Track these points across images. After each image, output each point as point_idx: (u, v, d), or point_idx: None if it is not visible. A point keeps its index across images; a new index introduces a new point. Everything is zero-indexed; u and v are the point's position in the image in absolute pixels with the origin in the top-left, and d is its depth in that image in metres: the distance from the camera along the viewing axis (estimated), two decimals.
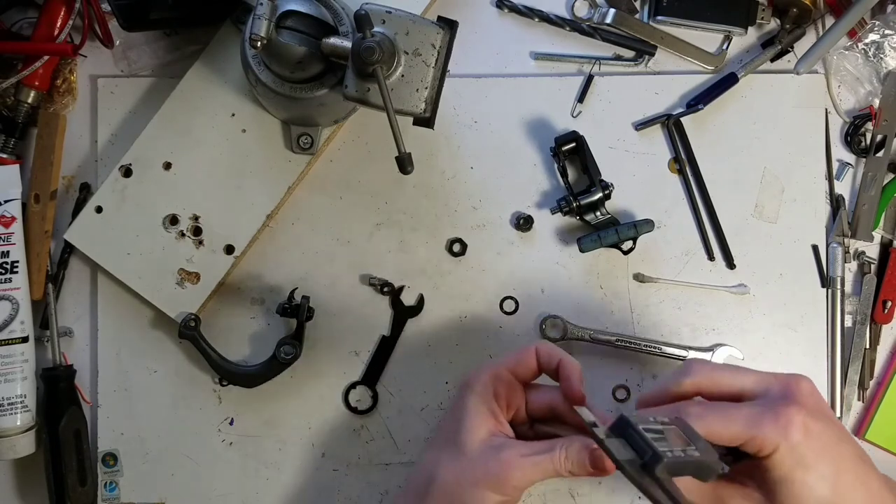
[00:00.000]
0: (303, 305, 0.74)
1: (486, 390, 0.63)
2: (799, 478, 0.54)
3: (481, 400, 0.62)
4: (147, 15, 0.69)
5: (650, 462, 0.49)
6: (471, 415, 0.61)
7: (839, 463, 0.55)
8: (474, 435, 0.61)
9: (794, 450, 0.54)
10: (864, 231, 0.77)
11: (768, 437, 0.54)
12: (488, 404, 0.62)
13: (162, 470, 0.76)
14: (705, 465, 0.52)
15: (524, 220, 0.76)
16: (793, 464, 0.54)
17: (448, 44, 0.61)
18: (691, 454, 0.51)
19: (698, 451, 0.52)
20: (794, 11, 0.77)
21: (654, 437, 0.50)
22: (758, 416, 0.54)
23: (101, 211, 0.74)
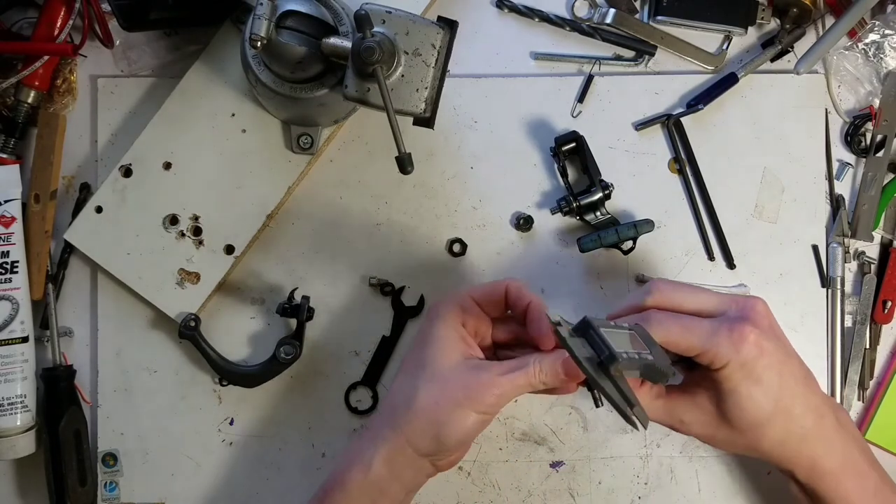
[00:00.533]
0: (303, 305, 0.74)
1: (455, 318, 0.64)
2: (745, 390, 0.59)
3: (451, 325, 0.63)
4: (147, 15, 0.69)
5: (606, 360, 0.53)
6: (442, 340, 0.62)
7: (784, 379, 0.60)
8: (449, 358, 0.62)
9: (744, 365, 0.58)
10: (864, 231, 0.77)
11: (722, 351, 0.58)
12: (458, 330, 0.63)
13: (162, 470, 0.76)
14: (658, 369, 0.55)
15: (524, 220, 0.76)
16: (742, 377, 0.59)
17: (448, 44, 0.61)
18: (645, 357, 0.55)
19: (652, 356, 0.56)
20: (794, 11, 0.77)
21: (615, 339, 0.54)
22: (714, 331, 0.58)
23: (101, 211, 0.74)
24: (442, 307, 0.65)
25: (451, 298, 0.65)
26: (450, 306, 0.64)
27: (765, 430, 0.60)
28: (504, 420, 0.76)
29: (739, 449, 0.63)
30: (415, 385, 0.62)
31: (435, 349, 0.62)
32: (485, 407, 0.60)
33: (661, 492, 0.76)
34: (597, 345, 0.54)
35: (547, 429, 0.77)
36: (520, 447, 0.76)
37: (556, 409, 0.76)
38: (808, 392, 0.61)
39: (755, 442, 0.61)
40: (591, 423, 0.76)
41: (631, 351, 0.54)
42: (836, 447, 0.61)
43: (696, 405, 0.62)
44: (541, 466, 0.76)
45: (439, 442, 0.60)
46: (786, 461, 0.62)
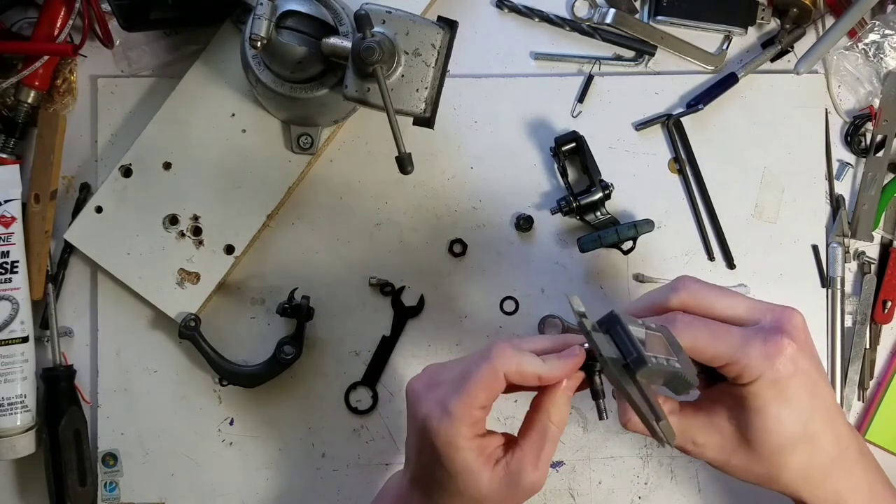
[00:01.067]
0: (303, 305, 0.74)
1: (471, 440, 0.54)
2: (774, 411, 0.53)
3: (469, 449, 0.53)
4: (147, 15, 0.69)
5: (634, 363, 0.47)
6: (466, 473, 0.53)
7: (816, 402, 0.54)
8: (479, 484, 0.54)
9: (776, 382, 0.52)
10: (864, 231, 0.77)
11: (753, 363, 0.52)
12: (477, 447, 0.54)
13: (162, 470, 0.76)
14: (684, 378, 0.50)
15: (524, 220, 0.76)
16: (773, 395, 0.52)
17: (448, 44, 0.61)
18: (672, 364, 0.49)
19: (679, 363, 0.50)
20: (794, 11, 0.77)
21: (639, 340, 0.49)
22: (747, 340, 0.52)
23: (101, 211, 0.74)
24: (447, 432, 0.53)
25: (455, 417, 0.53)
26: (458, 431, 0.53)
27: (788, 459, 0.54)
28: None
29: (756, 478, 0.56)
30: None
31: (462, 484, 0.54)
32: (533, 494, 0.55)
33: (661, 492, 0.76)
34: (624, 344, 0.48)
35: None
36: None
37: None
38: (836, 420, 0.55)
39: (776, 470, 0.55)
40: (591, 423, 0.76)
41: (658, 355, 0.48)
42: (861, 481, 0.56)
43: (712, 425, 0.55)
44: None
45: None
46: (807, 495, 0.55)
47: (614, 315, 0.49)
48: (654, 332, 0.51)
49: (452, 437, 0.53)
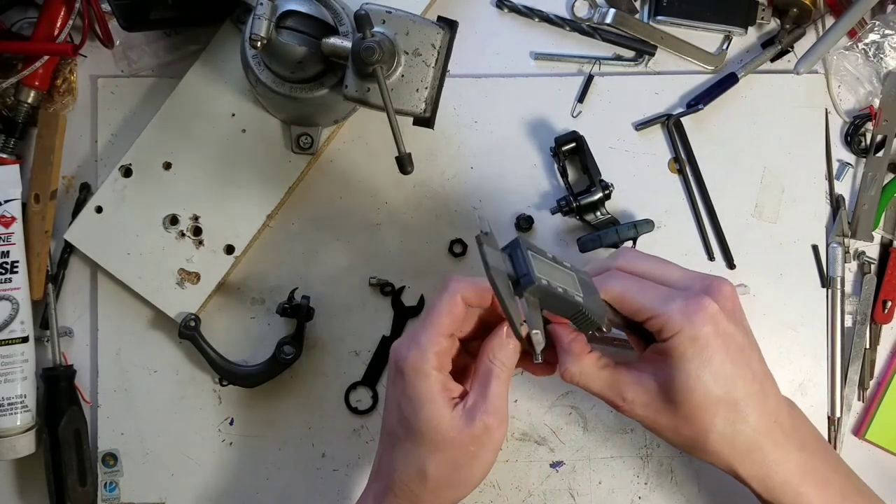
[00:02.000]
0: (303, 305, 0.74)
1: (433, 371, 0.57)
2: (694, 369, 0.53)
3: (434, 381, 0.56)
4: (147, 15, 0.69)
5: (524, 281, 0.50)
6: (430, 404, 0.56)
7: (739, 368, 0.54)
8: (443, 419, 0.56)
9: (696, 339, 0.53)
10: (864, 231, 0.77)
11: (673, 318, 0.53)
12: (440, 383, 0.57)
13: (162, 470, 0.76)
14: (583, 312, 0.52)
15: (524, 220, 0.76)
16: (692, 353, 0.53)
17: (448, 44, 0.61)
18: (572, 296, 0.51)
19: (583, 299, 0.52)
20: (794, 11, 0.77)
21: (543, 269, 0.51)
22: (669, 297, 0.55)
23: (101, 211, 0.74)
24: (415, 358, 0.57)
25: (423, 345, 0.57)
26: (424, 356, 0.56)
27: (711, 421, 0.54)
28: None
29: (685, 442, 0.57)
30: (421, 458, 0.57)
31: (425, 415, 0.56)
32: (495, 444, 0.57)
33: (661, 492, 0.76)
34: (520, 265, 0.51)
35: (547, 429, 0.77)
36: (520, 447, 0.76)
37: (556, 409, 0.76)
38: (762, 391, 0.56)
39: (702, 435, 0.55)
40: (591, 423, 0.76)
41: (559, 285, 0.51)
42: (792, 454, 0.56)
43: (640, 382, 0.56)
44: (541, 466, 0.76)
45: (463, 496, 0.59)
46: (738, 466, 0.56)
47: (518, 239, 0.52)
48: (567, 269, 0.54)
49: (420, 363, 0.56)
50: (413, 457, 0.58)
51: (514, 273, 0.51)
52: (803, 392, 0.77)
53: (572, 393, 0.76)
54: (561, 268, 0.53)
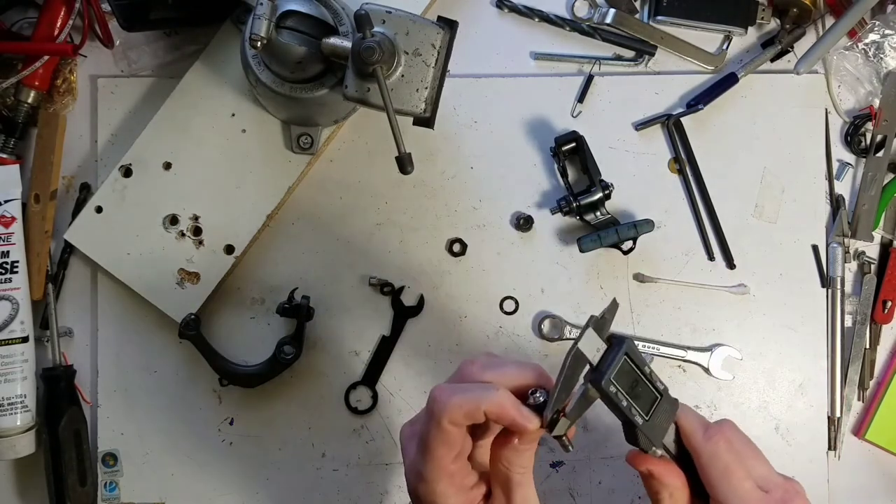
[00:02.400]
0: (303, 305, 0.74)
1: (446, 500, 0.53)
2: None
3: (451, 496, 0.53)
4: (147, 15, 0.69)
5: (593, 377, 0.50)
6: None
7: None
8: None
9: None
10: (864, 231, 0.77)
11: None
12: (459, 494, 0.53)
13: (162, 470, 0.76)
14: (633, 431, 0.52)
15: (524, 220, 0.76)
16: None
17: (448, 44, 0.61)
18: (633, 414, 0.51)
19: (642, 421, 0.52)
20: (794, 11, 0.77)
21: (626, 378, 0.51)
22: (747, 497, 0.53)
23: (101, 211, 0.74)
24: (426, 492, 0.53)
25: (429, 480, 0.52)
26: (435, 491, 0.52)
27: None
28: None
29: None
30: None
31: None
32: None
33: None
34: (605, 362, 0.50)
35: None
36: None
37: None
38: None
39: None
40: (592, 423, 0.76)
41: (628, 398, 0.51)
42: None
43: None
44: (541, 466, 0.76)
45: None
46: None
47: (623, 341, 0.51)
48: (655, 389, 0.53)
49: (433, 497, 0.52)
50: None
51: (594, 365, 0.50)
52: (803, 392, 0.77)
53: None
54: (649, 385, 0.53)
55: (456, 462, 0.52)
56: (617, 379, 0.50)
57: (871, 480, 0.78)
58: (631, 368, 0.52)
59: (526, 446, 0.52)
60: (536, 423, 0.50)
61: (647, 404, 0.53)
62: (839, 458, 0.77)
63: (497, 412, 0.50)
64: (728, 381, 0.77)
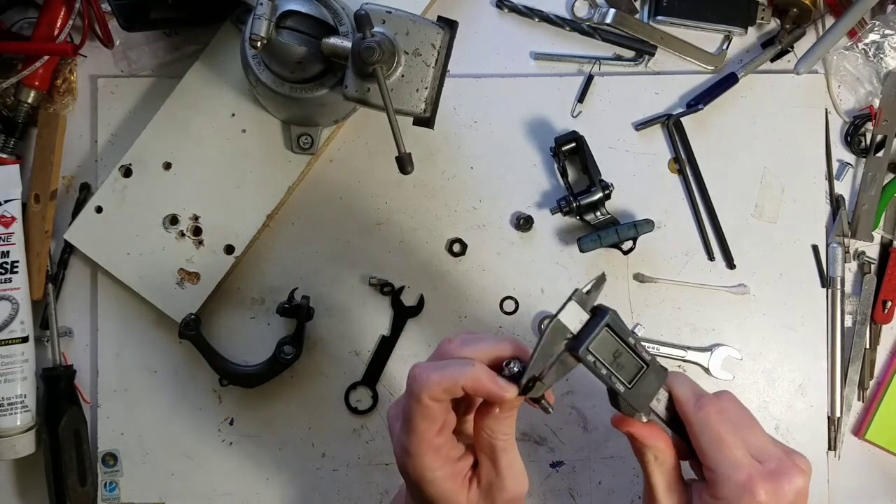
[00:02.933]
0: (303, 305, 0.74)
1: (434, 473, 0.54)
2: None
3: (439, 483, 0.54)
4: (147, 15, 0.69)
5: (574, 345, 0.52)
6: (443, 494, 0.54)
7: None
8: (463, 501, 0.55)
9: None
10: (864, 231, 0.77)
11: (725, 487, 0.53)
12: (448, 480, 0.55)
13: (162, 470, 0.76)
14: (617, 399, 0.55)
15: (524, 220, 0.76)
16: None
17: (448, 44, 0.61)
18: (614, 382, 0.54)
19: (624, 389, 0.54)
20: (794, 11, 0.77)
21: (607, 348, 0.53)
22: (738, 464, 0.54)
23: (101, 211, 0.74)
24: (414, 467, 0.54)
25: (414, 454, 0.54)
26: (422, 465, 0.54)
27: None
28: None
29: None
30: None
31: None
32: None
33: None
34: (585, 333, 0.53)
35: (547, 429, 0.77)
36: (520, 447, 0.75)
37: (556, 409, 0.76)
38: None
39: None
40: (591, 423, 0.76)
41: (607, 368, 0.53)
42: None
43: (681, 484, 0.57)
44: (541, 466, 0.76)
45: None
46: None
47: (607, 313, 0.53)
48: (641, 359, 0.55)
49: (420, 471, 0.54)
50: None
51: (574, 334, 0.53)
52: (803, 392, 0.77)
53: (572, 393, 0.76)
54: (633, 355, 0.55)
55: (440, 435, 0.54)
56: (597, 348, 0.53)
57: (871, 480, 0.78)
58: (613, 339, 0.54)
59: (506, 414, 0.54)
60: (513, 391, 0.52)
61: (631, 373, 0.55)
62: (839, 458, 0.77)
63: (473, 385, 0.52)
64: (728, 381, 0.77)
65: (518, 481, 0.55)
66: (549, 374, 0.52)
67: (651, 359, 0.56)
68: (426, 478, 0.54)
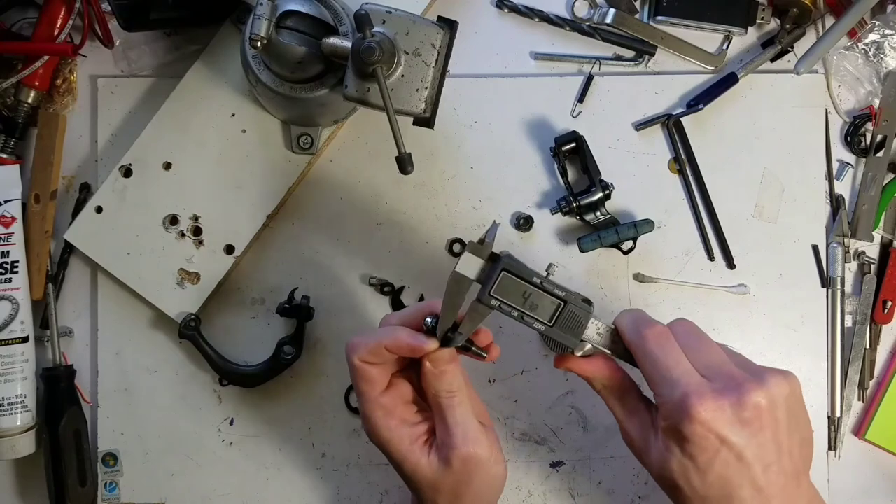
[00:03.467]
0: (303, 305, 0.74)
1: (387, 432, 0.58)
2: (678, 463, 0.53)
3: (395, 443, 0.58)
4: (147, 15, 0.69)
5: (477, 295, 0.55)
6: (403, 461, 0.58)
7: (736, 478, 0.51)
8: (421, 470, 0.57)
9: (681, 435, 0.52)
10: (864, 231, 0.77)
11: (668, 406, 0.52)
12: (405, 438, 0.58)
13: (162, 470, 0.76)
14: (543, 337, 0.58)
15: (524, 220, 0.76)
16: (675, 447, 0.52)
17: (448, 44, 0.61)
18: (531, 322, 0.56)
19: (543, 328, 0.56)
20: (794, 11, 0.77)
21: (513, 290, 0.56)
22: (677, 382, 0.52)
23: (101, 211, 0.74)
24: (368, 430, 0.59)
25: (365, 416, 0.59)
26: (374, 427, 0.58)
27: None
28: (504, 420, 0.76)
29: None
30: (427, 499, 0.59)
31: (406, 472, 0.58)
32: (484, 464, 0.57)
33: (661, 492, 0.76)
34: (486, 280, 0.55)
35: (547, 429, 0.77)
36: (520, 447, 0.76)
37: (556, 409, 0.76)
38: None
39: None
40: (591, 423, 0.76)
41: (518, 309, 0.56)
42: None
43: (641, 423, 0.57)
44: (541, 466, 0.76)
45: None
46: None
47: (501, 258, 0.56)
48: (555, 297, 0.56)
49: (376, 431, 0.58)
50: (422, 499, 0.59)
51: (477, 283, 0.56)
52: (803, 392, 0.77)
53: (572, 393, 0.76)
54: (544, 293, 0.56)
55: (384, 396, 0.59)
56: (501, 293, 0.56)
57: (871, 480, 0.78)
58: (517, 281, 0.56)
59: (441, 369, 0.57)
60: (432, 344, 0.56)
61: (549, 311, 0.56)
62: (839, 458, 0.77)
63: (394, 344, 0.57)
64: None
65: (469, 439, 0.57)
66: (464, 324, 0.56)
67: (567, 293, 0.56)
68: (383, 438, 0.58)
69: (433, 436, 0.59)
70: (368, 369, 0.58)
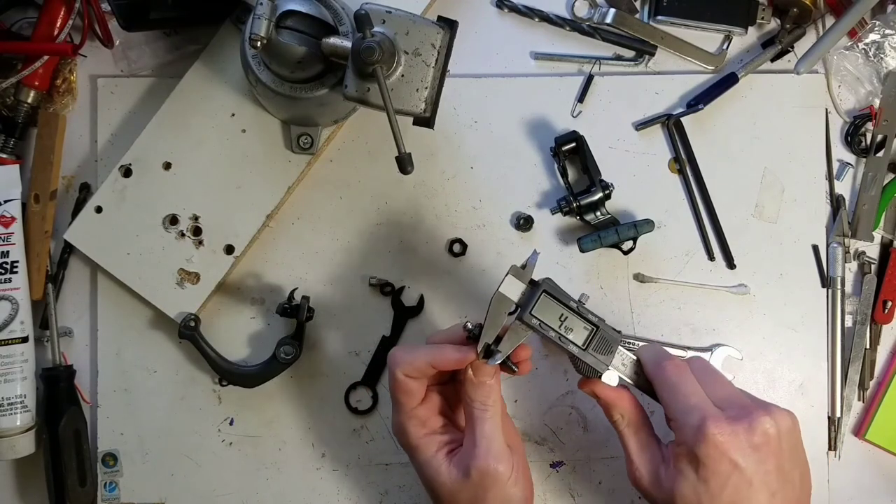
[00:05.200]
0: (303, 305, 0.74)
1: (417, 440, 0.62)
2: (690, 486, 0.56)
3: (422, 449, 0.62)
4: (147, 15, 0.69)
5: (519, 313, 0.59)
6: (425, 467, 0.61)
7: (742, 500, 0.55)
8: (441, 478, 0.60)
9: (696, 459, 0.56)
10: (864, 231, 0.77)
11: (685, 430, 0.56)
12: (432, 445, 0.62)
13: (162, 470, 0.76)
14: (574, 360, 0.61)
15: (524, 220, 0.76)
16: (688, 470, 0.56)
17: (448, 44, 0.61)
18: (566, 343, 0.60)
19: (577, 351, 0.60)
20: (795, 11, 0.77)
21: (551, 313, 0.59)
22: (693, 410, 0.57)
23: (101, 211, 0.74)
24: (399, 434, 0.63)
25: (398, 424, 0.63)
26: (406, 432, 0.62)
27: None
28: None
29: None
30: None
31: (426, 478, 0.62)
32: (502, 479, 0.59)
33: None
34: (526, 300, 0.59)
35: (547, 429, 0.77)
36: None
37: (556, 409, 0.76)
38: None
39: None
40: (591, 423, 0.76)
41: (555, 331, 0.59)
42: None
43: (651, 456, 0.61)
44: (541, 466, 0.76)
45: None
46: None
47: (543, 282, 0.60)
48: (588, 322, 0.60)
49: (406, 437, 0.62)
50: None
51: (517, 305, 0.59)
52: (803, 392, 0.77)
53: (572, 393, 0.76)
54: (579, 318, 0.60)
55: (421, 408, 0.63)
56: (541, 313, 0.59)
57: (871, 481, 0.78)
58: (555, 305, 0.60)
59: (481, 380, 0.60)
60: (473, 353, 0.60)
61: (583, 336, 0.61)
62: (839, 458, 0.77)
63: (441, 360, 0.60)
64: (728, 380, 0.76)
65: (491, 454, 0.59)
66: (504, 342, 0.59)
67: (599, 320, 0.61)
68: (411, 444, 0.62)
69: (458, 447, 0.62)
70: (410, 382, 0.61)
